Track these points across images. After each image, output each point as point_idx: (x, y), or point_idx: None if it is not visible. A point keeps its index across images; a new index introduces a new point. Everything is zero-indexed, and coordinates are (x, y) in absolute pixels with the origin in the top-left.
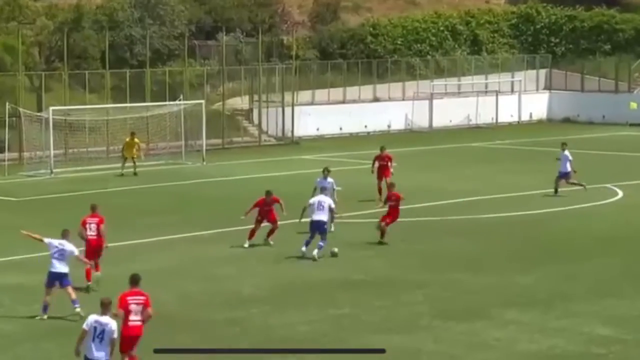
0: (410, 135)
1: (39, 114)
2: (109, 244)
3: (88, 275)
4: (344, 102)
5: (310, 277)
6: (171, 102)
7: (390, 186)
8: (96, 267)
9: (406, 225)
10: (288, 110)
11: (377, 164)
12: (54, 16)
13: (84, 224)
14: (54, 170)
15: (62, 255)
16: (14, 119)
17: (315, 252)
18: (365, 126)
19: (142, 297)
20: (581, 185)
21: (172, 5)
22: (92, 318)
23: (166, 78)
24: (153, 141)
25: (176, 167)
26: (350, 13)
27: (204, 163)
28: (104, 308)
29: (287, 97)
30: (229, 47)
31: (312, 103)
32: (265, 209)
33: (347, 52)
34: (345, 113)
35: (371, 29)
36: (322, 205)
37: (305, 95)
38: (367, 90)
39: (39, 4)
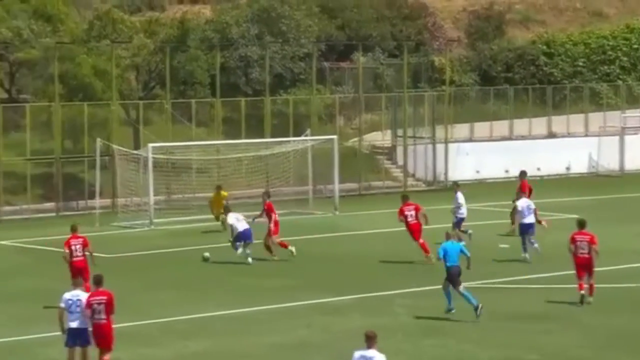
0: (595, 180)
1: (136, 152)
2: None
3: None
4: (510, 138)
5: (468, 356)
6: (296, 138)
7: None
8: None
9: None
10: (440, 147)
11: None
12: (154, 33)
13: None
14: (153, 221)
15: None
16: (106, 158)
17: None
18: (538, 168)
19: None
20: (465, 232)
21: (297, 19)
22: (357, 354)
23: (290, 108)
24: (274, 185)
25: (302, 217)
26: (517, 28)
27: (337, 213)
28: (370, 341)
29: (439, 131)
30: (367, 69)
31: (470, 139)
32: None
33: (514, 76)
34: (512, 152)
35: (545, 47)
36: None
37: (461, 129)
38: (539, 124)
39: (136, 19)
